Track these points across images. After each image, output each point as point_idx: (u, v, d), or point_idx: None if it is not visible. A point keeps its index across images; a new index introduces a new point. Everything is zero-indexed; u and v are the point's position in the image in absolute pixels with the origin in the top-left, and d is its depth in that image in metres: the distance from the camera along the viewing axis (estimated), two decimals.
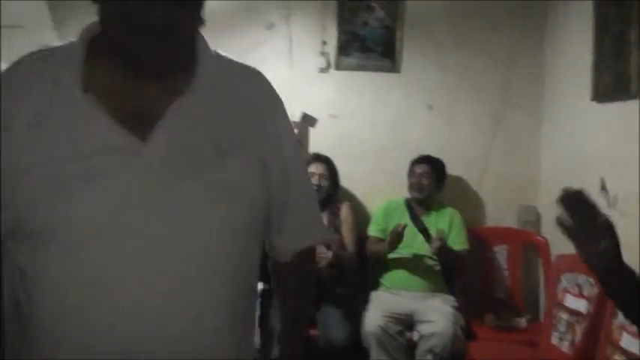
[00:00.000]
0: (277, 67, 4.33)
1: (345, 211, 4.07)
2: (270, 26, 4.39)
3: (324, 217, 3.99)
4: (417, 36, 4.44)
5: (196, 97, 1.12)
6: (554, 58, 4.26)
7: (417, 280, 3.93)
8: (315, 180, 3.99)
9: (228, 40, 4.05)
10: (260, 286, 1.86)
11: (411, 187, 4.12)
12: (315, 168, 4.06)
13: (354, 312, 3.77)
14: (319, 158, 4.13)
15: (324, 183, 4.05)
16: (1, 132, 1.05)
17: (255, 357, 3.25)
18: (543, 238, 4.19)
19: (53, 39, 4.16)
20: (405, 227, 3.77)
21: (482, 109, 4.45)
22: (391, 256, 3.95)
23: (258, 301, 2.06)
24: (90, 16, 1.15)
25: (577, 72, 3.78)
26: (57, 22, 4.30)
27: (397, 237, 3.77)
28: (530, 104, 4.42)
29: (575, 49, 3.87)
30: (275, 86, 1.30)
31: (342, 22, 4.44)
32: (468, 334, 3.78)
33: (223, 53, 1.24)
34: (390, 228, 3.90)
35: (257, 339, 3.37)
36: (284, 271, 1.40)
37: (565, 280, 3.50)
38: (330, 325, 3.63)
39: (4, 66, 1.12)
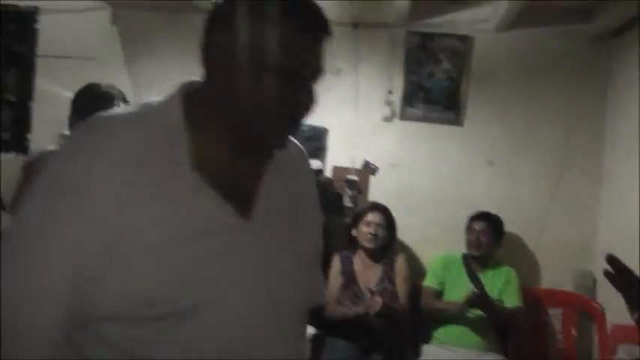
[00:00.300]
0: (342, 114, 4.39)
1: (400, 262, 4.04)
2: (338, 72, 4.41)
3: (380, 268, 3.99)
4: (482, 90, 4.46)
5: (276, 175, 1.22)
6: (616, 123, 4.24)
7: (470, 337, 3.88)
8: (371, 229, 3.99)
9: None
10: (311, 330, 1.92)
11: (469, 243, 4.11)
12: (372, 217, 4.03)
13: None
14: (377, 207, 4.11)
15: (381, 232, 4.02)
16: (110, 208, 1.03)
17: None
18: (599, 304, 4.13)
19: (123, 74, 4.26)
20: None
21: (542, 168, 4.44)
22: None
23: (309, 346, 2.07)
24: (162, 56, 1.15)
25: (638, 138, 3.75)
26: (128, 57, 4.41)
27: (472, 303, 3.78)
28: (590, 167, 4.40)
29: (636, 116, 3.85)
30: (339, 132, 1.40)
31: (409, 72, 4.48)
32: None
33: None
34: (447, 282, 4.01)
35: None
36: None
37: (622, 351, 3.44)
38: None
39: (68, 94, 1.13)
